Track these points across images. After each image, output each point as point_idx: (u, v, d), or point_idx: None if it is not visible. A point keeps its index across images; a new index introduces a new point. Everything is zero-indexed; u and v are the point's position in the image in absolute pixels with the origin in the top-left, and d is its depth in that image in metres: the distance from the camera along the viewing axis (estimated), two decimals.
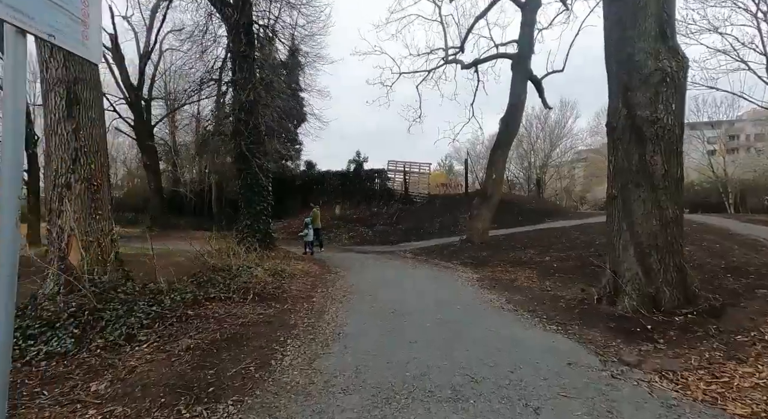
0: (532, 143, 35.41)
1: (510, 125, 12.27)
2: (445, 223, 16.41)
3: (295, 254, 10.87)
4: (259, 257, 8.03)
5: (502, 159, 12.44)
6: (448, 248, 11.94)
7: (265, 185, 10.19)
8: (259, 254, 8.49)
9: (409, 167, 20.60)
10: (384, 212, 19.15)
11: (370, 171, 21.89)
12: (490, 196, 12.13)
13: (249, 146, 9.86)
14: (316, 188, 24.11)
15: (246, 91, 9.71)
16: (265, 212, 10.25)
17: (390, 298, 5.90)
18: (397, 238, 15.40)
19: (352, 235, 16.52)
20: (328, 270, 8.93)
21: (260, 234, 10.04)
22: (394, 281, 7.52)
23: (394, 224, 17.39)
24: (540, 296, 5.95)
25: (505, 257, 9.88)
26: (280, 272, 7.11)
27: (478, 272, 8.52)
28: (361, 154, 22.88)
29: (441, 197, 20.27)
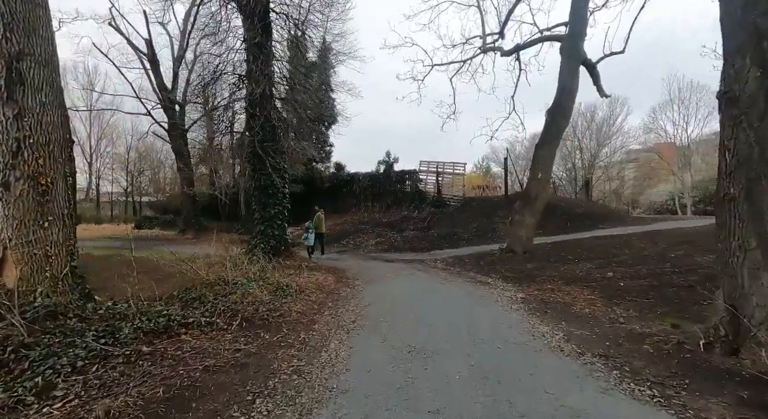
0: (579, 141, 32.59)
1: (558, 116, 10.59)
2: (482, 229, 14.84)
3: (314, 263, 9.91)
4: (263, 269, 7.08)
5: (548, 156, 10.77)
6: (486, 258, 10.45)
7: (281, 186, 9.34)
8: (265, 265, 7.57)
9: (443, 167, 19.19)
10: (415, 216, 17.87)
11: (401, 172, 20.71)
12: (534, 198, 10.51)
13: (262, 144, 9.05)
14: (344, 190, 23.32)
15: (259, 84, 8.92)
16: (280, 217, 9.38)
17: (411, 327, 4.67)
18: (428, 245, 14.06)
19: (379, 241, 15.41)
20: (345, 283, 7.84)
21: (274, 241, 9.17)
22: (419, 300, 6.26)
23: (426, 229, 16.05)
24: (612, 332, 4.44)
25: (556, 271, 8.27)
26: (284, 288, 6.09)
27: (523, 290, 7.04)
28: (391, 154, 21.81)
29: (477, 200, 18.65)
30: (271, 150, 9.05)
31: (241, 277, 6.07)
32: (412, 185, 20.24)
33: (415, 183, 20.02)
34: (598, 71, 11.22)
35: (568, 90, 10.49)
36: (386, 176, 21.14)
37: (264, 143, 9.08)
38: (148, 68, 21.26)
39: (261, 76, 9.03)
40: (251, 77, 9.13)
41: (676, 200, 33.38)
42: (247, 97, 9.24)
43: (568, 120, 11.06)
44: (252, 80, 9.19)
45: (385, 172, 21.43)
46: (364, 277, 8.60)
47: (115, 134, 43.21)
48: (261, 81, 9.01)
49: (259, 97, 8.99)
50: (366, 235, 16.54)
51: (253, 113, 9.05)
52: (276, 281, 6.36)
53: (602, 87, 11.38)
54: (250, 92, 9.17)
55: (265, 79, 8.98)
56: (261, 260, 8.20)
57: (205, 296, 5.25)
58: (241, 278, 6.00)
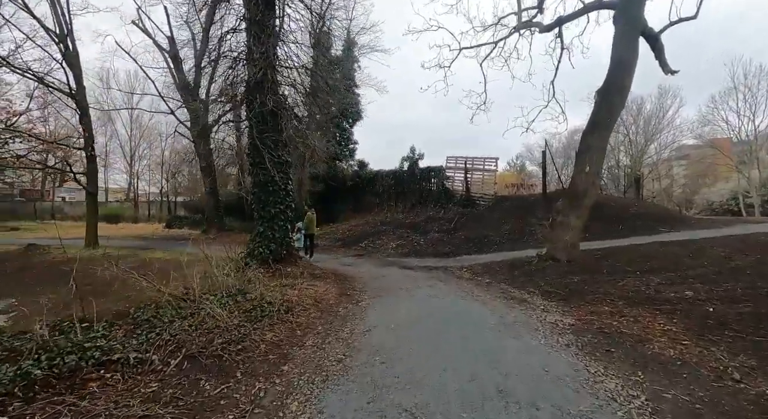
0: (627, 134, 29.57)
1: (612, 95, 8.77)
2: (516, 231, 13.10)
3: (321, 270, 8.75)
4: (247, 280, 5.95)
5: (598, 145, 8.96)
6: (521, 267, 8.83)
7: (282, 183, 8.24)
8: (255, 274, 6.48)
9: (472, 164, 17.51)
10: (440, 217, 16.35)
11: (426, 169, 19.23)
12: (581, 196, 8.76)
13: (261, 135, 8.01)
14: (367, 189, 22.20)
15: (258, 66, 7.88)
16: (282, 217, 8.29)
17: (415, 375, 3.32)
18: (454, 249, 12.53)
19: (400, 244, 14.06)
20: (349, 297, 6.58)
21: (275, 244, 8.09)
22: (434, 327, 4.87)
23: (452, 231, 14.51)
24: (728, 399, 2.86)
25: (612, 286, 6.57)
26: (265, 306, 4.91)
27: (571, 313, 5.47)
28: (416, 150, 20.37)
29: (510, 199, 16.82)
30: (270, 141, 7.98)
31: (210, 293, 4.97)
32: (437, 183, 18.70)
33: (441, 181, 18.47)
34: (662, 43, 9.25)
35: (625, 65, 8.65)
36: (410, 173, 19.74)
37: (264, 134, 8.03)
38: (171, 66, 21.20)
39: (260, 59, 7.99)
40: (250, 59, 8.12)
41: (740, 199, 29.43)
42: (249, 81, 8.23)
43: (623, 101, 9.16)
44: (251, 63, 8.18)
45: (410, 169, 20.02)
46: (374, 289, 7.30)
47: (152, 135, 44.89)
48: (259, 63, 7.98)
49: (260, 81, 7.95)
50: (386, 237, 15.25)
51: (252, 100, 8.02)
52: (259, 296, 5.21)
53: (667, 62, 9.38)
54: (249, 76, 8.16)
55: (264, 61, 7.93)
56: (253, 268, 7.15)
57: (161, 317, 4.19)
58: (210, 293, 4.89)
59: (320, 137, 24.53)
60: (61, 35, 15.33)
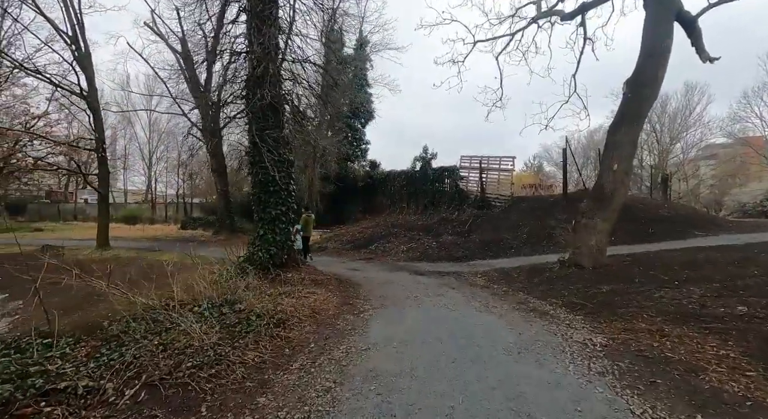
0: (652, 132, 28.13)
1: (642, 86, 7.96)
2: (534, 234, 12.29)
3: (324, 275, 8.22)
4: (232, 289, 5.45)
5: (628, 140, 8.14)
6: (541, 274, 8.09)
7: (283, 183, 7.76)
8: (250, 281, 6.00)
9: (487, 163, 16.72)
10: (454, 219, 15.65)
11: (439, 169, 18.55)
12: (609, 196, 7.96)
13: (262, 132, 7.55)
14: (379, 190, 21.69)
15: (260, 60, 7.45)
16: (283, 219, 7.80)
17: (415, 414, 2.72)
18: (468, 253, 11.82)
19: (411, 247, 13.44)
20: (351, 307, 6.02)
21: (275, 248, 7.60)
22: (442, 346, 4.25)
23: (466, 234, 13.80)
24: None
25: (647, 298, 5.79)
26: (252, 320, 4.39)
27: (603, 330, 4.76)
28: (429, 150, 19.70)
29: (528, 200, 15.96)
30: (270, 139, 7.51)
31: (196, 303, 4.49)
32: (451, 184, 17.99)
33: (454, 181, 17.75)
34: (699, 28, 8.37)
35: (658, 52, 7.83)
36: (423, 173, 19.09)
37: (264, 130, 7.57)
38: (183, 67, 21.20)
39: (260, 52, 7.55)
40: (250, 52, 7.69)
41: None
42: (248, 75, 7.80)
43: (655, 93, 8.29)
44: (252, 56, 7.75)
45: (422, 169, 19.38)
46: (380, 298, 6.72)
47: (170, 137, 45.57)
48: (258, 54, 7.54)
49: (260, 75, 7.51)
50: (397, 240, 14.65)
51: (252, 95, 7.59)
52: (249, 306, 4.70)
53: (704, 48, 8.48)
54: (249, 71, 7.74)
55: (264, 54, 7.48)
56: (251, 274, 6.68)
57: (133, 333, 3.72)
58: (195, 304, 4.41)
59: (331, 136, 24.24)
60: (73, 37, 15.40)
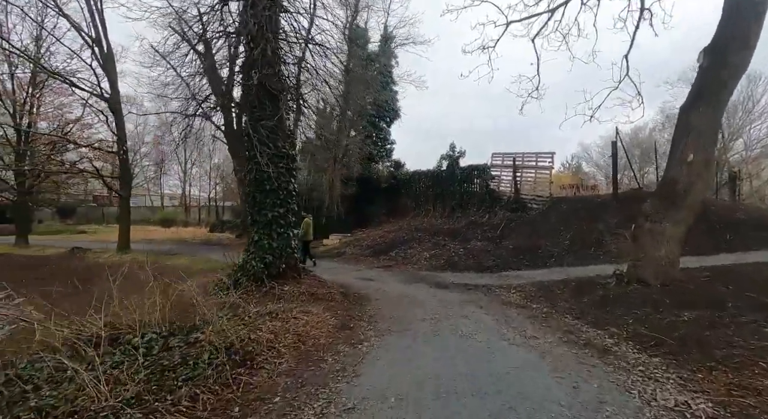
0: None
1: (727, 56, 6.24)
2: (579, 241, 10.56)
3: (328, 288, 7.09)
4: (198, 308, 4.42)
5: (707, 125, 6.42)
6: (593, 292, 6.52)
7: (281, 182, 6.76)
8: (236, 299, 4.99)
9: (522, 160, 15.05)
10: (484, 223, 14.12)
11: (468, 168, 17.03)
12: (681, 194, 6.28)
13: (257, 122, 6.60)
14: (403, 191, 20.43)
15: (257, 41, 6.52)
16: (281, 222, 6.78)
17: None
18: (500, 262, 10.31)
19: (435, 253, 12.08)
20: (348, 334, 4.83)
21: (271, 255, 6.58)
22: (460, 406, 2.97)
23: (498, 239, 12.25)
24: None
25: (757, 334, 4.17)
26: (198, 361, 3.28)
27: (701, 387, 3.24)
28: (456, 147, 18.22)
29: (569, 201, 14.12)
30: (266, 130, 6.53)
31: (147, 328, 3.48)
32: (481, 184, 16.42)
33: (485, 181, 16.17)
34: None
35: (750, 5, 6.10)
36: (450, 173, 17.64)
37: (260, 120, 6.60)
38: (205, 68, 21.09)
39: (259, 34, 6.61)
40: (247, 33, 6.76)
41: None
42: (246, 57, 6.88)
43: (745, 62, 6.47)
44: (249, 38, 6.84)
45: (449, 169, 17.93)
46: (389, 319, 5.50)
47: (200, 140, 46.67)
48: (258, 38, 6.60)
49: (256, 58, 6.56)
50: (421, 245, 13.34)
51: (246, 78, 6.67)
52: (206, 338, 3.63)
53: None
54: (246, 52, 6.83)
55: (261, 36, 6.53)
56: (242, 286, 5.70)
57: (33, 378, 2.75)
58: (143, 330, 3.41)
59: (355, 136, 23.34)
60: (96, 39, 15.47)
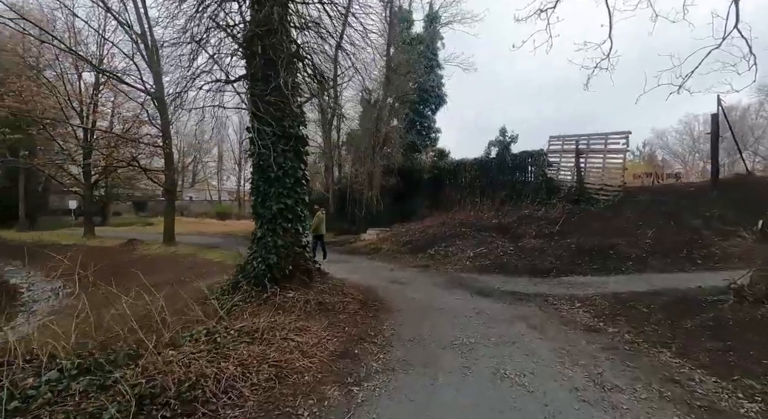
0: None
1: None
2: (667, 240, 8.37)
3: (343, 294, 5.97)
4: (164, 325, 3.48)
5: None
6: (699, 314, 4.67)
7: (289, 168, 5.73)
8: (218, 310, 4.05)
9: (587, 143, 12.73)
10: (540, 217, 12.17)
11: (521, 156, 14.97)
12: None
13: (255, 99, 5.62)
14: (448, 182, 18.78)
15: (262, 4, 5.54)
16: (288, 216, 5.76)
17: None
18: (560, 264, 8.48)
19: (480, 252, 10.47)
20: (347, 366, 3.62)
21: (276, 255, 5.60)
22: None
23: (556, 236, 10.31)
24: None
25: None
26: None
27: None
28: (507, 132, 16.17)
29: (649, 192, 11.66)
30: (270, 106, 5.52)
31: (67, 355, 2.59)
32: (536, 172, 14.30)
33: (541, 169, 14.04)
34: None
35: None
36: (499, 161, 15.68)
37: (264, 96, 5.61)
38: None
39: None
40: None
41: None
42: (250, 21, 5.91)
43: None
44: None
45: (499, 156, 15.96)
46: (408, 342, 4.23)
47: None
48: None
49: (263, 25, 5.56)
50: (464, 242, 11.78)
51: (247, 44, 5.70)
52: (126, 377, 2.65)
53: None
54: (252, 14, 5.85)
55: None
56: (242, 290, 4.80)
57: None
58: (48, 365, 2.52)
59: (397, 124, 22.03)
60: (142, 34, 15.77)
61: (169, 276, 10.77)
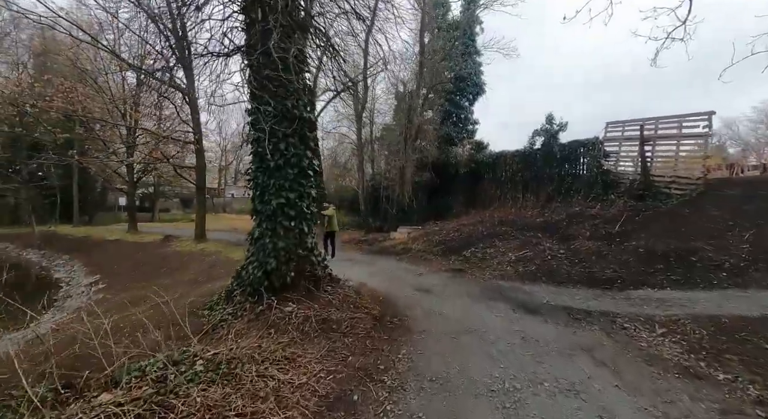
0: None
1: None
2: None
3: (354, 307, 4.97)
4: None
5: None
6: None
7: (293, 155, 4.82)
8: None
9: (654, 128, 10.77)
10: (595, 214, 10.47)
11: (571, 145, 13.17)
12: None
13: (255, 75, 4.75)
14: (486, 176, 17.27)
15: None
16: (291, 213, 4.84)
17: None
18: (626, 273, 6.91)
19: (524, 256, 9.05)
20: None
21: (275, 259, 4.71)
22: None
23: (618, 238, 8.65)
24: None
25: None
26: None
27: None
28: (554, 119, 14.35)
29: (738, 185, 9.56)
30: (271, 84, 4.63)
31: None
32: (590, 164, 12.46)
33: (596, 160, 12.19)
34: None
35: None
36: (546, 152, 13.94)
37: (264, 70, 4.72)
38: None
39: None
40: None
41: None
42: None
43: None
44: None
45: (545, 147, 14.21)
46: (425, 385, 3.14)
47: None
48: None
49: None
50: (504, 243, 10.38)
51: (250, 19, 4.84)
52: None
53: None
54: None
55: None
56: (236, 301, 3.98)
57: None
58: None
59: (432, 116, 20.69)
60: (174, 31, 15.74)
61: (189, 275, 10.45)
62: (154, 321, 4.46)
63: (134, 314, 4.97)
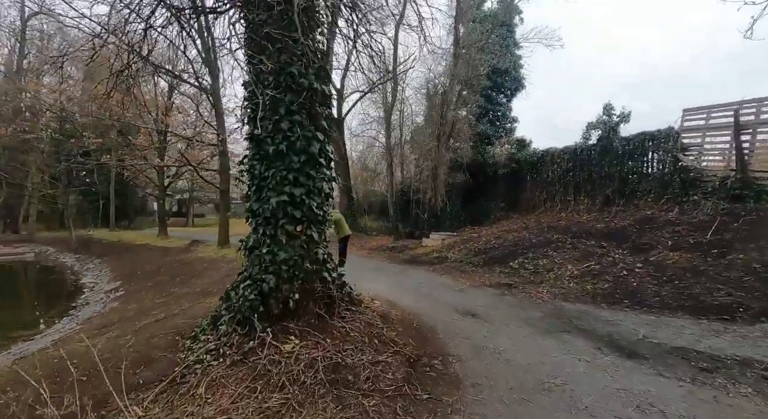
0: None
1: None
2: None
3: (380, 342, 3.66)
4: None
5: None
6: None
7: (298, 137, 3.63)
8: None
9: (755, 113, 8.72)
10: (673, 219, 8.59)
11: (636, 138, 11.20)
12: None
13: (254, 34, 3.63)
14: (530, 177, 15.47)
15: None
16: (295, 215, 3.66)
17: None
18: (748, 299, 5.12)
19: (588, 269, 7.37)
20: None
21: (274, 276, 3.51)
22: None
23: (714, 250, 6.78)
24: None
25: None
26: None
27: None
28: (613, 109, 12.42)
29: None
30: (268, 40, 3.50)
31: None
32: (662, 159, 10.48)
33: (670, 155, 10.20)
34: None
35: None
36: (603, 148, 12.01)
37: (263, 28, 3.60)
38: None
39: None
40: None
41: None
42: None
43: None
44: None
45: (602, 141, 12.29)
46: None
47: None
48: None
49: None
50: (558, 253, 8.71)
51: None
52: None
53: None
54: None
55: None
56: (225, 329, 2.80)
57: None
58: None
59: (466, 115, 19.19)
60: (199, 30, 15.37)
61: (202, 284, 9.60)
62: (115, 358, 3.39)
63: (115, 338, 3.97)
